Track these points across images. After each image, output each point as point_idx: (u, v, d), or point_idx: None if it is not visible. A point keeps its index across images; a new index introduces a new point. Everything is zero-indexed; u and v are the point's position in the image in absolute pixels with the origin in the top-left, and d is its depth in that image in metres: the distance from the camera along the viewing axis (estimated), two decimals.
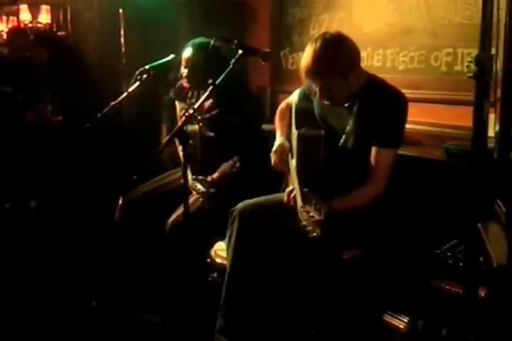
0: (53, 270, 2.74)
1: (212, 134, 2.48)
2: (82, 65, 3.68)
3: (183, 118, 1.82)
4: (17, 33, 3.68)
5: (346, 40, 1.87)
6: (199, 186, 2.33)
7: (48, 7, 4.05)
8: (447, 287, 1.71)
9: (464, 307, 1.36)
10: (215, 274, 2.11)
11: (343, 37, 1.88)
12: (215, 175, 2.41)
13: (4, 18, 4.13)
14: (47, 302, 2.46)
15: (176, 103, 2.60)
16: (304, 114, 2.09)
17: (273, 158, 2.08)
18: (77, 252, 2.85)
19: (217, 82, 1.86)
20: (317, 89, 1.90)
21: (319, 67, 1.82)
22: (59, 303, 2.44)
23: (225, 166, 2.40)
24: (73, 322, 2.29)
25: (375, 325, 1.96)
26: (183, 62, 2.46)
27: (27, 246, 2.98)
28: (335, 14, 3.05)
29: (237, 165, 2.35)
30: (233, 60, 1.90)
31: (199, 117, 2.43)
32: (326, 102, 1.94)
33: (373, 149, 1.88)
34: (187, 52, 2.45)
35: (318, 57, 1.81)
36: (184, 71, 2.47)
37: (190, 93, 2.60)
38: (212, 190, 2.33)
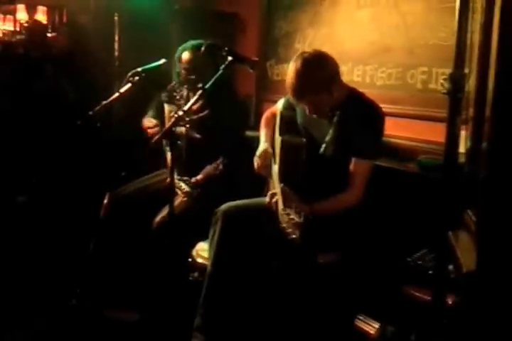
0: (36, 266, 2.66)
1: (198, 136, 2.44)
2: (75, 64, 3.61)
3: (173, 119, 1.79)
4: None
5: (325, 57, 1.86)
6: (184, 186, 2.29)
7: (45, 8, 3.99)
8: (417, 294, 1.70)
9: (433, 314, 1.36)
10: (196, 274, 2.08)
11: (322, 55, 1.86)
12: (199, 177, 2.38)
13: (1, 16, 4.05)
14: (27, 298, 2.38)
15: (165, 105, 2.56)
16: (287, 121, 2.09)
17: (256, 162, 2.07)
18: (60, 248, 2.77)
19: (206, 86, 1.84)
20: (305, 106, 1.90)
21: (302, 88, 1.82)
22: (39, 300, 2.37)
23: (208, 168, 2.37)
24: (53, 319, 2.22)
25: (346, 329, 1.94)
26: (183, 65, 2.41)
27: (11, 241, 2.88)
28: (319, 30, 3.06)
29: (221, 167, 2.33)
30: (223, 66, 1.88)
31: (187, 119, 2.39)
32: (314, 116, 1.94)
33: (352, 160, 1.88)
34: (186, 55, 2.40)
35: (300, 79, 1.81)
36: (184, 73, 2.42)
37: (178, 95, 2.56)
38: (196, 192, 2.30)
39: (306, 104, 1.88)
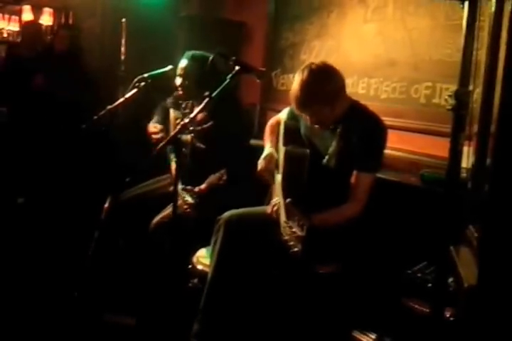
0: (35, 268, 2.64)
1: (202, 146, 2.46)
2: (80, 67, 3.64)
3: (178, 126, 1.80)
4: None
5: (332, 71, 1.87)
6: (187, 197, 2.29)
7: (51, 10, 4.02)
8: (415, 306, 1.72)
9: (431, 326, 1.37)
10: (196, 280, 2.07)
11: (329, 68, 1.87)
12: (203, 186, 2.37)
13: (6, 16, 4.08)
14: (25, 301, 2.36)
15: (171, 111, 2.59)
16: (291, 132, 2.10)
17: (260, 164, 2.06)
18: (60, 251, 2.76)
19: (213, 95, 1.85)
20: (307, 116, 1.93)
21: (306, 99, 1.84)
22: (37, 303, 2.35)
23: (212, 178, 2.37)
24: (51, 323, 2.20)
25: (343, 340, 1.95)
26: (178, 71, 2.46)
27: (11, 243, 2.88)
28: (325, 42, 3.11)
29: (224, 177, 2.34)
30: (230, 75, 1.89)
31: (191, 128, 2.42)
32: (315, 126, 1.96)
33: (354, 172, 1.90)
34: (183, 63, 2.46)
35: (305, 89, 1.82)
36: (179, 80, 2.47)
37: (184, 103, 2.59)
38: (198, 201, 2.30)
39: (307, 114, 1.91)
